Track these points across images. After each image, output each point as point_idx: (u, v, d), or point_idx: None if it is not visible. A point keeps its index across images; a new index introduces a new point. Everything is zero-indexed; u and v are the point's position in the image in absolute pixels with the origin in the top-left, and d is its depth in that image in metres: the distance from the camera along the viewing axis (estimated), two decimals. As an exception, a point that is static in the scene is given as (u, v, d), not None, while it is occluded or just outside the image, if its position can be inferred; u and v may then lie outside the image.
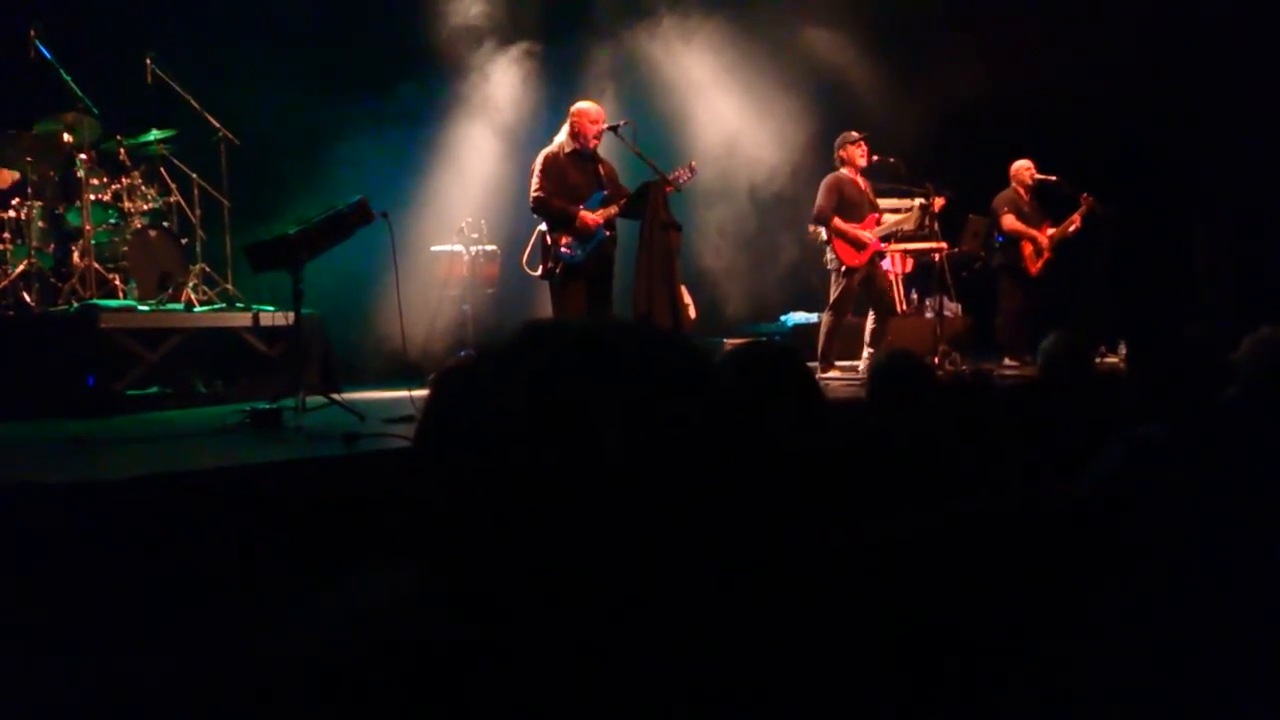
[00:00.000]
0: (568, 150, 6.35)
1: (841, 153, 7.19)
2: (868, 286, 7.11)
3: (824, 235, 7.22)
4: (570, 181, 6.32)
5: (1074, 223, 7.94)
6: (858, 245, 6.99)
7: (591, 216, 6.23)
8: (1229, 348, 3.01)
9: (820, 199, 7.08)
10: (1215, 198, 9.05)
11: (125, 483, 3.22)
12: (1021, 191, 8.09)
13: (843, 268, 7.03)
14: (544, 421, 0.82)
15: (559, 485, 0.81)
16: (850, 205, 7.03)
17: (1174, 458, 2.31)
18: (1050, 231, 8.00)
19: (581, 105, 6.43)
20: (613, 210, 6.34)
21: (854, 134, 7.20)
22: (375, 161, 7.78)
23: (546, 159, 6.35)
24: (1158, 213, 8.77)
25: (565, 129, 6.39)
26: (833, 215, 6.99)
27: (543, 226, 6.40)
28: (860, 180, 7.17)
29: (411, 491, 0.89)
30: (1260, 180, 8.57)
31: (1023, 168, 8.10)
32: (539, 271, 6.48)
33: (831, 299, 7.16)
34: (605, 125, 6.41)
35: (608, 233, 6.35)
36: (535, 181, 6.32)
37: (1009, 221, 7.99)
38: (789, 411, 2.05)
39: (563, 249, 6.26)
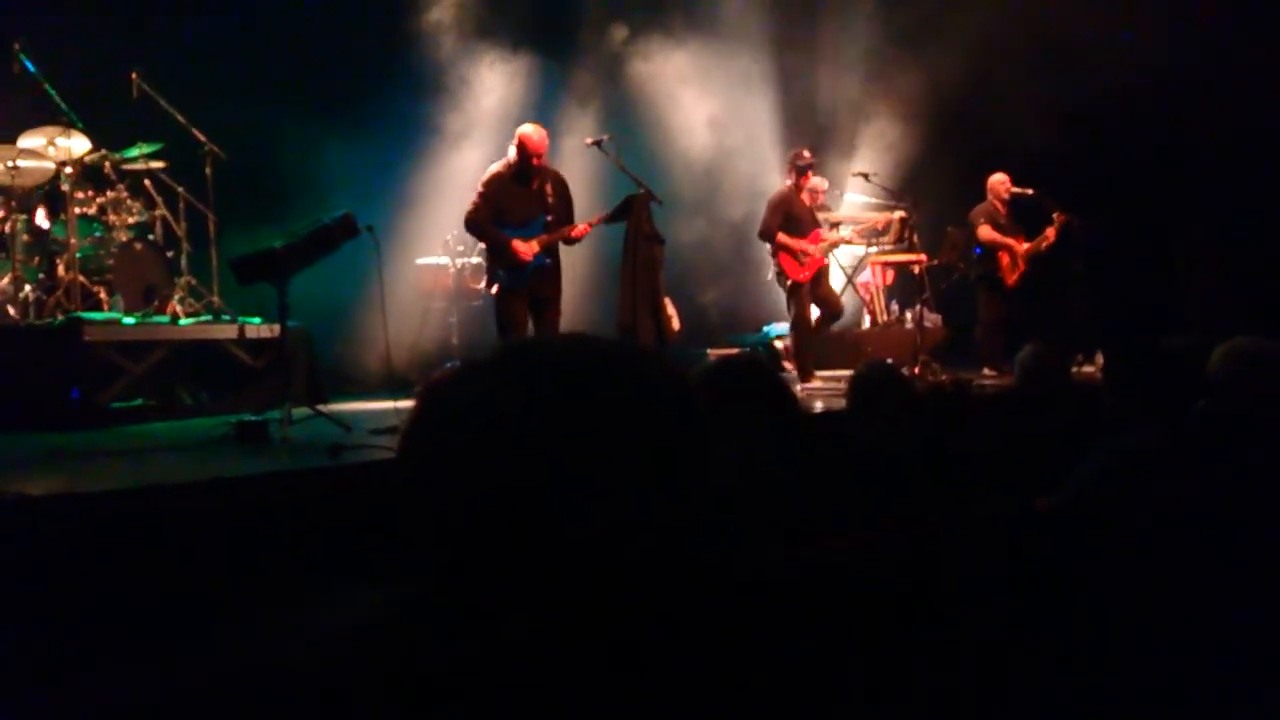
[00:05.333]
0: (512, 172, 6.14)
1: (792, 170, 7.34)
2: (814, 291, 7.30)
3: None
4: (510, 204, 6.10)
5: (1048, 239, 7.94)
6: (801, 259, 7.17)
7: (524, 246, 6.01)
8: (1205, 358, 3.05)
9: (765, 216, 7.29)
10: (1196, 207, 9.11)
11: (109, 495, 3.22)
12: (998, 204, 8.11)
13: (789, 283, 7.23)
14: (526, 436, 0.83)
15: (540, 499, 0.82)
16: (795, 221, 7.23)
17: (1149, 467, 2.35)
18: (1025, 246, 8.02)
19: (524, 130, 6.13)
20: (554, 237, 6.13)
21: (806, 156, 7.34)
22: (360, 174, 7.78)
23: (489, 179, 6.14)
24: (1137, 223, 8.84)
25: (511, 148, 6.17)
26: (776, 232, 7.19)
27: (483, 245, 6.27)
28: (806, 196, 7.39)
29: (395, 503, 0.89)
30: (1240, 190, 8.64)
31: (999, 181, 8.13)
32: (489, 288, 6.30)
33: (791, 317, 7.37)
34: (544, 153, 6.09)
35: (548, 260, 6.14)
36: (473, 199, 6.15)
37: (984, 233, 8.01)
38: (764, 423, 2.08)
39: (498, 271, 6.13)
